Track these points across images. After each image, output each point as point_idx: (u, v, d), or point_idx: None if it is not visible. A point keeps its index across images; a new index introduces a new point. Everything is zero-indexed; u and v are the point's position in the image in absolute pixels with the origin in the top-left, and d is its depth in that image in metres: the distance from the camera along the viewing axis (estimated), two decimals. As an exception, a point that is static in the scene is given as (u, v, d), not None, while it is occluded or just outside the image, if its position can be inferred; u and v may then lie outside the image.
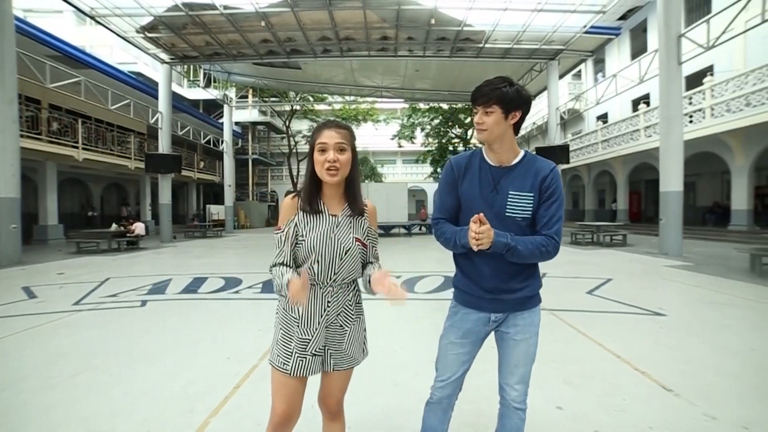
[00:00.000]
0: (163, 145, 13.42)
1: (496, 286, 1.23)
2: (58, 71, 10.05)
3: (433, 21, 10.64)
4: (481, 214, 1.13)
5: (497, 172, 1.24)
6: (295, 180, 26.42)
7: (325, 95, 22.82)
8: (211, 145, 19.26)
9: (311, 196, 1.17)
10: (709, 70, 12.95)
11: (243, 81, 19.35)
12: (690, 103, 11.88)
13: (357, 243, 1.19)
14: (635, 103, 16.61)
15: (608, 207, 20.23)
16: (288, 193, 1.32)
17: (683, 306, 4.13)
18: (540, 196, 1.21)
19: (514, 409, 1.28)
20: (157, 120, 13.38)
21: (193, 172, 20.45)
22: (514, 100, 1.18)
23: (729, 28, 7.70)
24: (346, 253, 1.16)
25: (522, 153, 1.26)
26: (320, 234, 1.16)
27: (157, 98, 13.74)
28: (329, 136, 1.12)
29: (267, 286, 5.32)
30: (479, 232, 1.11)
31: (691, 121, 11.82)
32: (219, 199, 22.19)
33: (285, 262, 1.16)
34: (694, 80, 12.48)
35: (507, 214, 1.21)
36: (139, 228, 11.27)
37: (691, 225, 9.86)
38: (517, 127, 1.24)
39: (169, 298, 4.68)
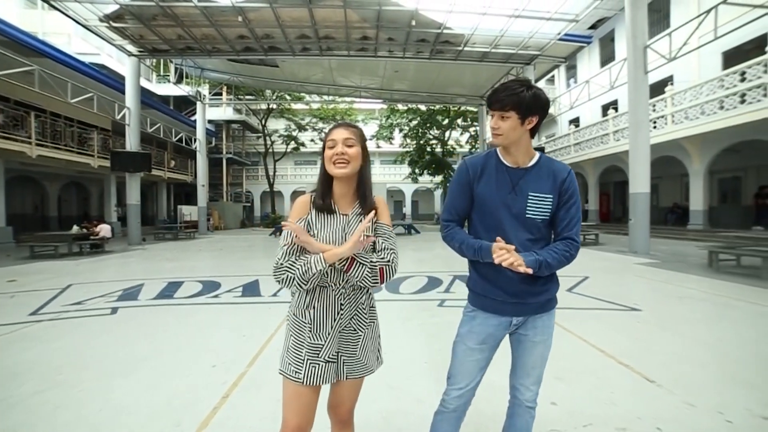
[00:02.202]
0: (131, 143, 12.72)
1: (522, 290, 1.21)
2: (5, 58, 9.17)
3: (413, 23, 10.71)
4: (501, 241, 1.14)
5: (515, 174, 1.22)
6: (271, 180, 25.84)
7: (303, 94, 22.47)
8: (183, 144, 18.44)
9: (324, 193, 1.17)
10: (669, 80, 13.85)
11: (217, 77, 18.67)
12: (654, 110, 12.64)
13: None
14: (605, 109, 17.47)
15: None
16: (294, 192, 1.29)
17: (655, 301, 4.35)
18: (559, 198, 1.21)
19: (527, 408, 1.30)
20: (123, 116, 12.65)
21: (163, 171, 19.52)
22: (530, 106, 1.16)
23: (686, 42, 8.27)
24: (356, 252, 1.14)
25: (537, 155, 1.26)
26: (332, 233, 1.14)
27: (123, 92, 12.97)
28: (338, 134, 1.16)
29: (248, 290, 5.13)
30: (513, 261, 1.09)
31: (654, 127, 12.57)
32: (191, 200, 21.31)
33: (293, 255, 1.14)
34: (657, 88, 13.29)
35: (527, 215, 1.20)
36: (104, 230, 10.58)
37: (654, 225, 10.47)
38: (534, 131, 1.22)
39: (142, 304, 4.40)
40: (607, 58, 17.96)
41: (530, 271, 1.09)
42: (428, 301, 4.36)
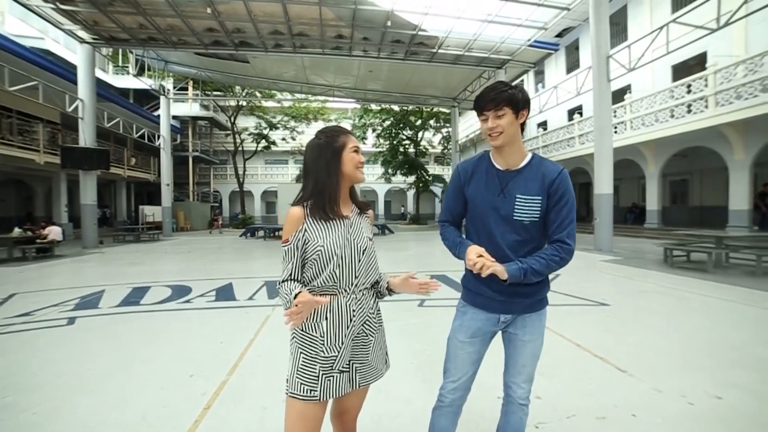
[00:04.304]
0: (86, 138, 11.78)
1: (508, 289, 1.23)
2: None
3: (389, 23, 10.73)
4: (480, 248, 1.19)
5: (504, 176, 1.24)
6: (241, 180, 24.96)
7: (274, 92, 21.89)
8: (145, 140, 17.35)
9: (335, 202, 1.14)
10: (628, 89, 14.82)
11: (182, 71, 17.77)
12: (615, 116, 13.47)
13: (370, 242, 1.19)
14: (571, 113, 18.38)
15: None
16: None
17: (621, 296, 4.63)
18: (549, 199, 1.21)
19: (520, 405, 1.32)
20: (76, 108, 11.67)
21: (122, 169, 18.28)
22: (520, 100, 1.20)
23: (643, 54, 8.89)
24: (363, 253, 1.15)
25: (529, 156, 1.27)
26: (337, 237, 1.11)
27: (74, 83, 11.94)
28: (356, 141, 1.21)
29: (221, 293, 4.91)
30: (475, 264, 1.14)
31: (616, 132, 13.39)
32: (154, 199, 20.13)
33: (294, 277, 1.11)
34: (617, 96, 14.18)
35: (515, 217, 1.21)
36: (53, 232, 9.69)
37: (616, 224, 11.18)
38: (522, 127, 1.25)
39: (104, 312, 4.08)
40: (572, 64, 18.93)
41: (505, 276, 1.15)
42: (408, 302, 4.36)
